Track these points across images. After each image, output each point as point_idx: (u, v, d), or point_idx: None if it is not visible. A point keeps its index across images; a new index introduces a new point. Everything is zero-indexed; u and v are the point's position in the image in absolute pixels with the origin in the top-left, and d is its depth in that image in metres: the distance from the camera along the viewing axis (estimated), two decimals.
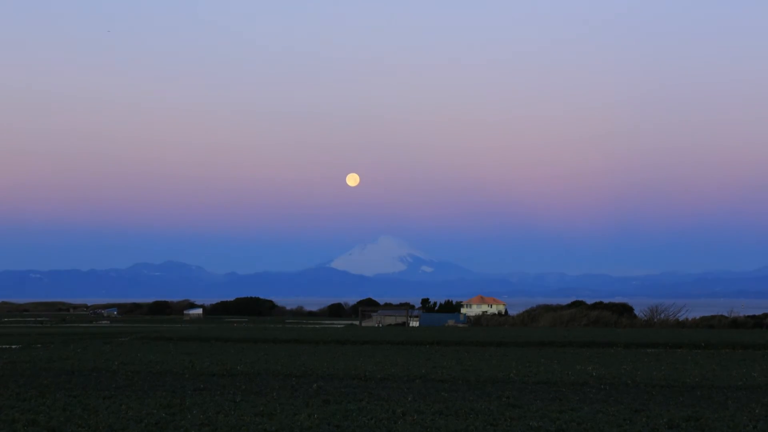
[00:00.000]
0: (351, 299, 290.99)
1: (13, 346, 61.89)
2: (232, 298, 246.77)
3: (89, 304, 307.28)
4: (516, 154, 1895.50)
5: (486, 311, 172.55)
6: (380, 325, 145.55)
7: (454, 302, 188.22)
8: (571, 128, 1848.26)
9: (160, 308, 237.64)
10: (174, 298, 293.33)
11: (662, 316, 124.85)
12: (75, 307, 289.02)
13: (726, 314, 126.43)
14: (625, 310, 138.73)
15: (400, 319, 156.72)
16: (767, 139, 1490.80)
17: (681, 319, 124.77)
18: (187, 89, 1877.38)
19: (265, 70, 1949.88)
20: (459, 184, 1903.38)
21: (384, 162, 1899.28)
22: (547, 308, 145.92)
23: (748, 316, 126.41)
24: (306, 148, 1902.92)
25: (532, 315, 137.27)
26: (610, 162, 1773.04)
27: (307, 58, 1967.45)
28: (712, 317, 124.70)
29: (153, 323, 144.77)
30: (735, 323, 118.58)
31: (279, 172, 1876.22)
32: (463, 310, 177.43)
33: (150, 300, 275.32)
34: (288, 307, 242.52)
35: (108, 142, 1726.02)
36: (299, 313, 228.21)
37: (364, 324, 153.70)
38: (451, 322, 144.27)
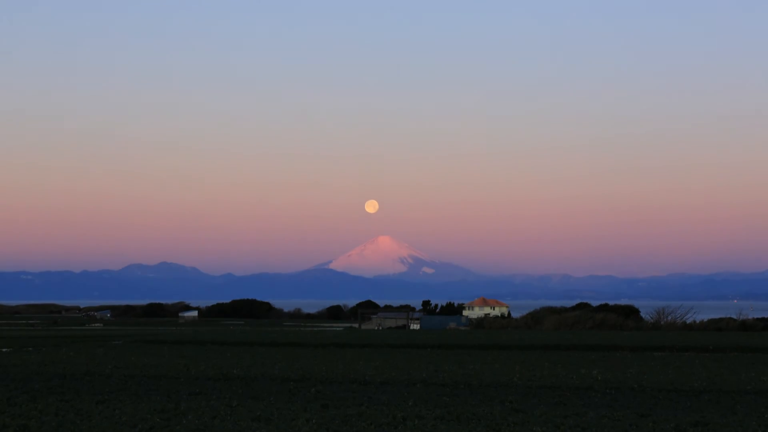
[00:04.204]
0: (350, 301, 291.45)
1: (4, 350, 61.52)
2: (228, 300, 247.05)
3: (82, 307, 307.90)
4: (518, 152, 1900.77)
5: (488, 314, 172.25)
6: (380, 328, 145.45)
7: (455, 304, 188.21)
8: (575, 127, 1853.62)
9: (155, 311, 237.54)
10: (169, 300, 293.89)
11: (669, 318, 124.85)
12: (67, 309, 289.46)
13: (735, 317, 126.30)
14: (631, 312, 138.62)
15: (400, 322, 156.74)
16: None
17: (688, 321, 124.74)
18: (184, 89, 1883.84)
19: (262, 76, 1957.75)
20: (460, 183, 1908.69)
21: (383, 161, 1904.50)
22: (551, 311, 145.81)
23: (758, 319, 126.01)
24: (305, 144, 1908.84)
25: (536, 317, 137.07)
26: (614, 161, 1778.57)
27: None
28: (721, 320, 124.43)
29: (147, 326, 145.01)
30: (744, 326, 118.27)
31: (278, 170, 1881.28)
32: (465, 313, 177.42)
33: (144, 302, 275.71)
34: (286, 310, 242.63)
35: (102, 140, 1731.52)
36: (297, 316, 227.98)
37: (363, 327, 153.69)
38: (452, 325, 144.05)
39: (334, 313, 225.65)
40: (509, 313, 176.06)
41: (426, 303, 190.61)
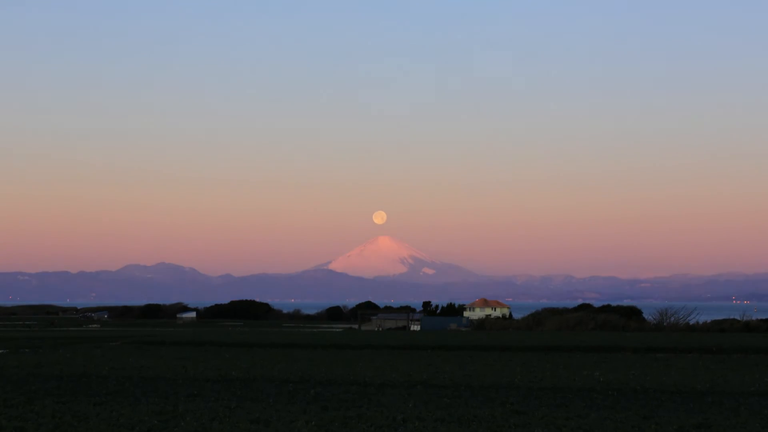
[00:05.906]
0: (350, 302, 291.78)
1: (0, 351, 61.24)
2: (226, 301, 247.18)
3: (79, 308, 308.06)
4: (520, 152, 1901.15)
5: (489, 315, 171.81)
6: (380, 329, 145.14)
7: (456, 305, 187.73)
8: (577, 127, 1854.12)
9: (152, 311, 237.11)
10: (167, 301, 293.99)
11: (672, 319, 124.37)
12: (64, 310, 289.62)
13: (738, 318, 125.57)
14: (633, 313, 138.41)
15: (400, 323, 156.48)
16: None
17: (691, 322, 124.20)
18: (185, 87, 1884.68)
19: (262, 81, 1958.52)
20: (461, 182, 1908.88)
21: (383, 159, 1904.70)
22: (553, 312, 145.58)
23: (761, 320, 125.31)
24: (305, 144, 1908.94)
25: (537, 319, 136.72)
26: (617, 161, 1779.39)
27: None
28: (724, 321, 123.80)
29: (145, 327, 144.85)
30: (747, 327, 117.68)
31: (277, 170, 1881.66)
32: (466, 314, 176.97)
33: (142, 303, 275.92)
34: (285, 311, 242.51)
35: (99, 139, 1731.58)
36: (296, 317, 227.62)
37: (363, 328, 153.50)
38: (453, 326, 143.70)
39: (334, 314, 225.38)
40: (510, 314, 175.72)
41: (426, 304, 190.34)
